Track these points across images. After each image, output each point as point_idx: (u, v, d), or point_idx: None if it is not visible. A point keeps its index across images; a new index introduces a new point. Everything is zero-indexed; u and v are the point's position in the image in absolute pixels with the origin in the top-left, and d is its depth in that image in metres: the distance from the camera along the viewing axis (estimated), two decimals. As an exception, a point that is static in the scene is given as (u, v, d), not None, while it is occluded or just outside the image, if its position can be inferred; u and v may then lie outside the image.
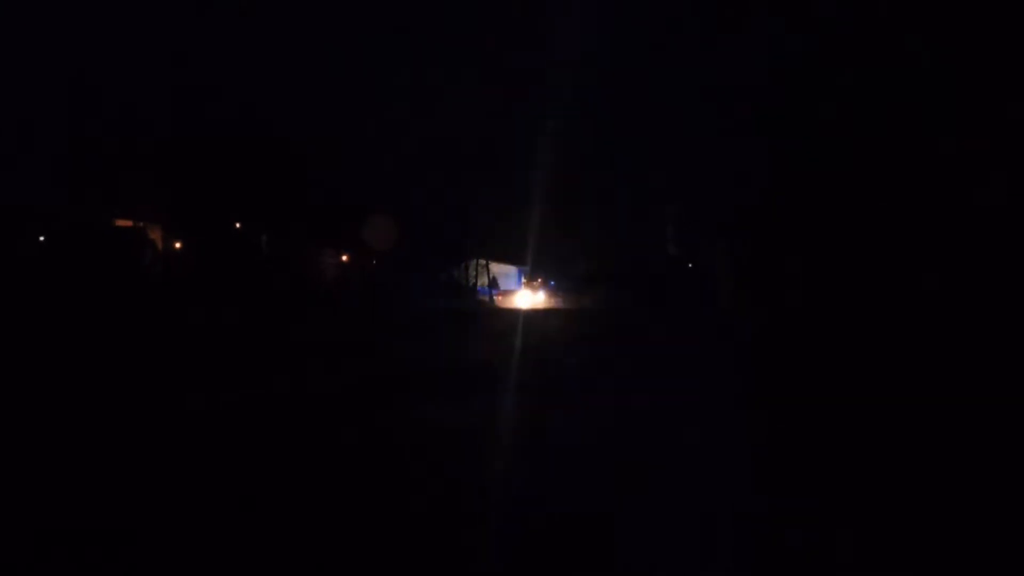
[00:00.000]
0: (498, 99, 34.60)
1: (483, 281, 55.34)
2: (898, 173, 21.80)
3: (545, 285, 51.85)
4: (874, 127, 21.31)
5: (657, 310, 29.51)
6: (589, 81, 31.16)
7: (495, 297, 48.86)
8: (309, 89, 32.88)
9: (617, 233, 40.94)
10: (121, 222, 33.09)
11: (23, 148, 27.55)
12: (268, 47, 30.78)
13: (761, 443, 6.85)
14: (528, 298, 41.53)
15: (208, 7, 31.18)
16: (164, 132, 31.26)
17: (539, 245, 47.42)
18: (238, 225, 36.92)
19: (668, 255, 39.26)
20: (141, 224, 32.82)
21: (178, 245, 35.73)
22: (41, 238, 28.45)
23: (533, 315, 28.97)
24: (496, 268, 56.06)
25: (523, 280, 57.40)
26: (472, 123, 36.36)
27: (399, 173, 37.71)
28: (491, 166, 38.41)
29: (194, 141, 31.91)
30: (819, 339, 17.34)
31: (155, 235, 33.83)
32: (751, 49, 22.73)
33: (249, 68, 31.06)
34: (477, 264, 57.62)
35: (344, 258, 46.35)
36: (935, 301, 19.90)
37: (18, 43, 26.25)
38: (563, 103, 31.74)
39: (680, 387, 10.08)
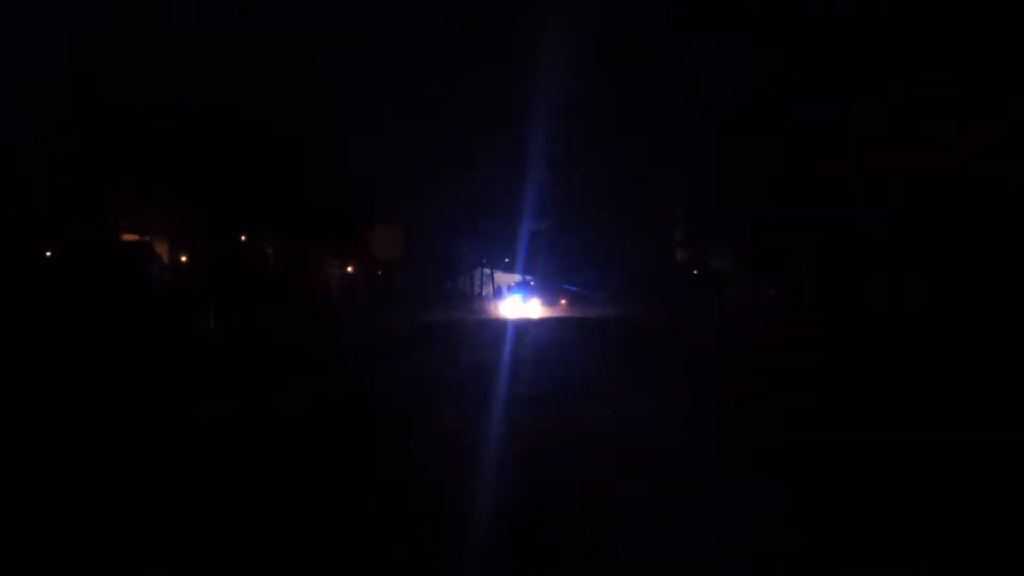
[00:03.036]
0: (500, 105, 34.70)
1: (488, 290, 55.48)
2: (905, 173, 21.76)
3: (551, 293, 51.76)
4: (880, 126, 21.28)
5: (664, 315, 29.42)
6: (593, 85, 31.20)
7: (499, 305, 48.82)
8: (315, 99, 32.96)
9: (624, 238, 40.87)
10: (128, 236, 33.25)
11: (30, 162, 27.64)
12: (278, 59, 30.87)
13: (769, 444, 6.82)
14: (533, 307, 41.45)
15: (218, 18, 31.36)
16: (170, 145, 31.38)
17: (545, 254, 47.41)
18: (244, 237, 37.02)
19: (675, 259, 39.21)
20: (148, 238, 32.96)
21: (184, 258, 35.85)
22: (48, 253, 28.51)
23: (536, 323, 28.93)
24: (501, 277, 56.13)
25: (528, 288, 57.37)
26: (475, 130, 36.47)
27: (404, 184, 37.78)
28: (494, 174, 38.50)
29: (200, 154, 32.04)
30: (829, 340, 17.28)
31: (161, 249, 33.96)
32: (756, 50, 22.78)
33: (258, 80, 31.17)
34: (481, 273, 57.75)
35: (349, 268, 46.40)
36: (945, 302, 19.83)
37: (26, 54, 26.41)
38: (567, 106, 31.77)
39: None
